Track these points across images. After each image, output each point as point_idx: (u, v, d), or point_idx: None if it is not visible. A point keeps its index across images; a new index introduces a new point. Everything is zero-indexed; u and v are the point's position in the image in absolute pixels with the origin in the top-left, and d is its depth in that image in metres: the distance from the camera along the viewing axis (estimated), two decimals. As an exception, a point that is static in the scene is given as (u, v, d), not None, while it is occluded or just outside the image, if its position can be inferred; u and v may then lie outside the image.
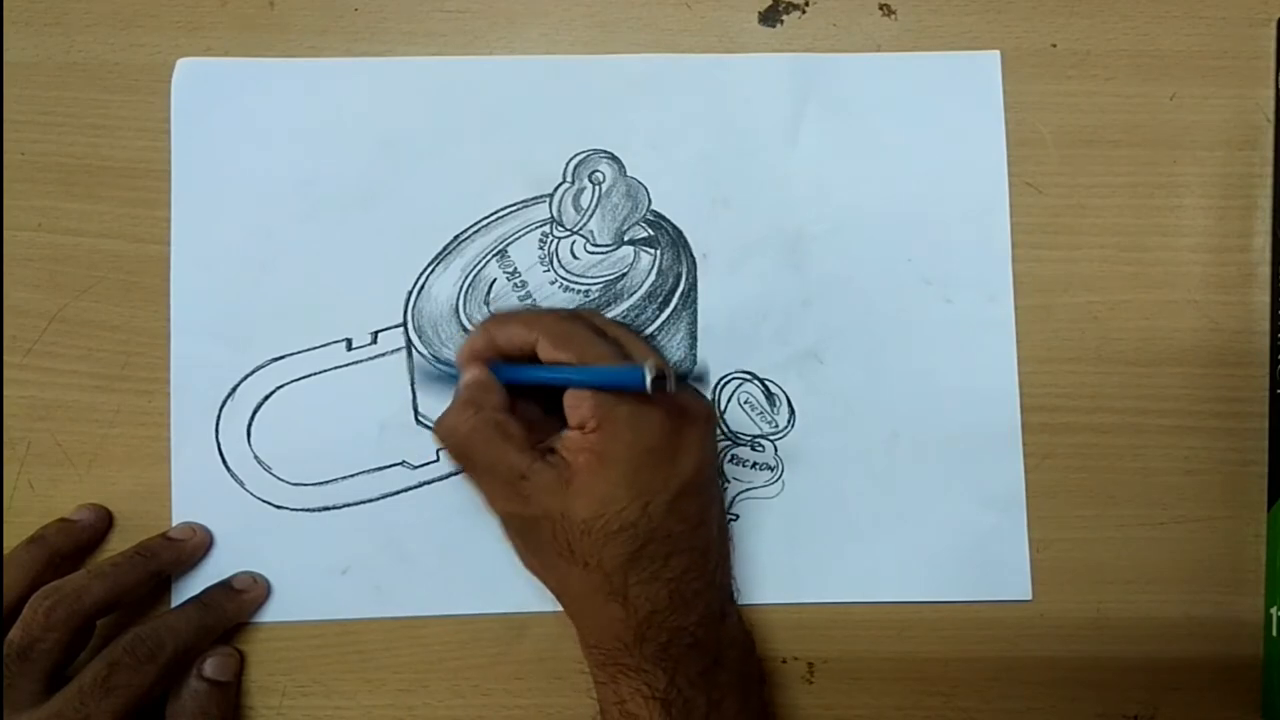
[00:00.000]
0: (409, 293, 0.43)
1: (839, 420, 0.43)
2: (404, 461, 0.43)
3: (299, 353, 0.43)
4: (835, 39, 0.45)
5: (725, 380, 0.43)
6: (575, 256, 0.44)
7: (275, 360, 0.43)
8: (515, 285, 0.43)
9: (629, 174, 0.44)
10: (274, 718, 0.42)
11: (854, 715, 0.42)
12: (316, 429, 0.43)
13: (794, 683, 0.42)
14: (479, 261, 0.43)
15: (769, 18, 0.45)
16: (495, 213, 0.44)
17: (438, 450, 0.43)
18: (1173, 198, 0.44)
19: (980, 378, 0.43)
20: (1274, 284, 0.43)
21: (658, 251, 0.44)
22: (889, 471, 0.43)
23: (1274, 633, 0.41)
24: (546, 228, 0.44)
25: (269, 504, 0.42)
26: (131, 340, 0.43)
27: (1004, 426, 0.43)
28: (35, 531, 0.41)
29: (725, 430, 0.43)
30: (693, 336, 0.43)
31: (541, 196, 0.44)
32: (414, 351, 0.43)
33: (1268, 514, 0.43)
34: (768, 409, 0.43)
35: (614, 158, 0.44)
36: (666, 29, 0.45)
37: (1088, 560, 0.43)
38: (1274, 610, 0.42)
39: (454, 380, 0.40)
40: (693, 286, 0.43)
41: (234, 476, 0.42)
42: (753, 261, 0.44)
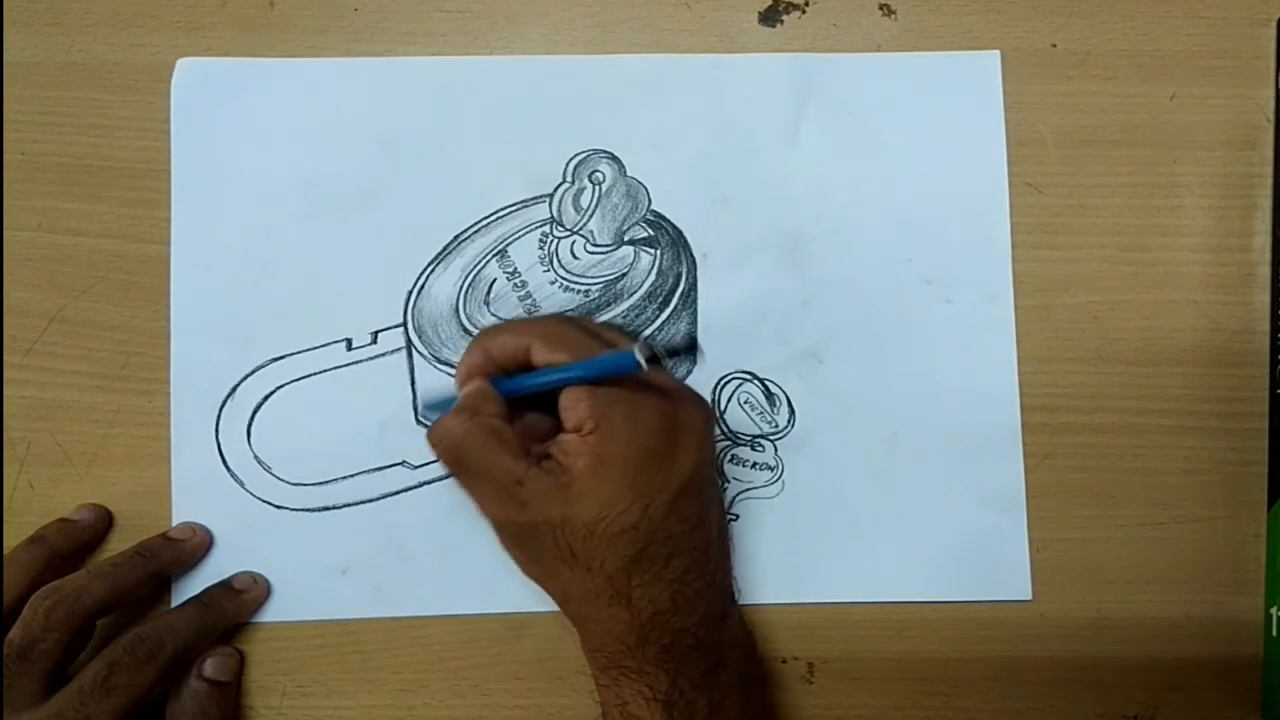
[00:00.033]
0: (409, 293, 0.43)
1: (839, 420, 0.43)
2: (404, 461, 0.43)
3: (299, 353, 0.43)
4: (835, 39, 0.45)
5: (725, 380, 0.43)
6: (575, 256, 0.44)
7: (275, 360, 0.43)
8: (515, 285, 0.43)
9: (629, 174, 0.44)
10: (274, 718, 0.42)
11: (854, 715, 0.42)
12: (316, 429, 0.43)
13: (794, 683, 0.42)
14: (479, 261, 0.43)
15: (769, 18, 0.45)
16: (495, 213, 0.44)
17: (437, 450, 0.43)
18: (1173, 198, 0.44)
19: (980, 378, 0.43)
20: (1274, 284, 0.43)
21: (658, 251, 0.44)
22: (889, 471, 0.43)
23: (1274, 633, 0.41)
24: (546, 228, 0.44)
25: (269, 504, 0.42)
26: (131, 340, 0.43)
27: (1004, 426, 0.43)
28: (35, 531, 0.41)
29: (725, 430, 0.43)
30: (692, 337, 0.43)
31: (541, 196, 0.44)
32: (414, 351, 0.43)
33: (1268, 514, 0.43)
34: (768, 409, 0.43)
35: (614, 158, 0.44)
36: (666, 29, 0.45)
37: (1088, 560, 0.43)
38: (1274, 610, 0.42)
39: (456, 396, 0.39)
40: (693, 286, 0.43)
41: (234, 476, 0.42)
42: (753, 261, 0.44)
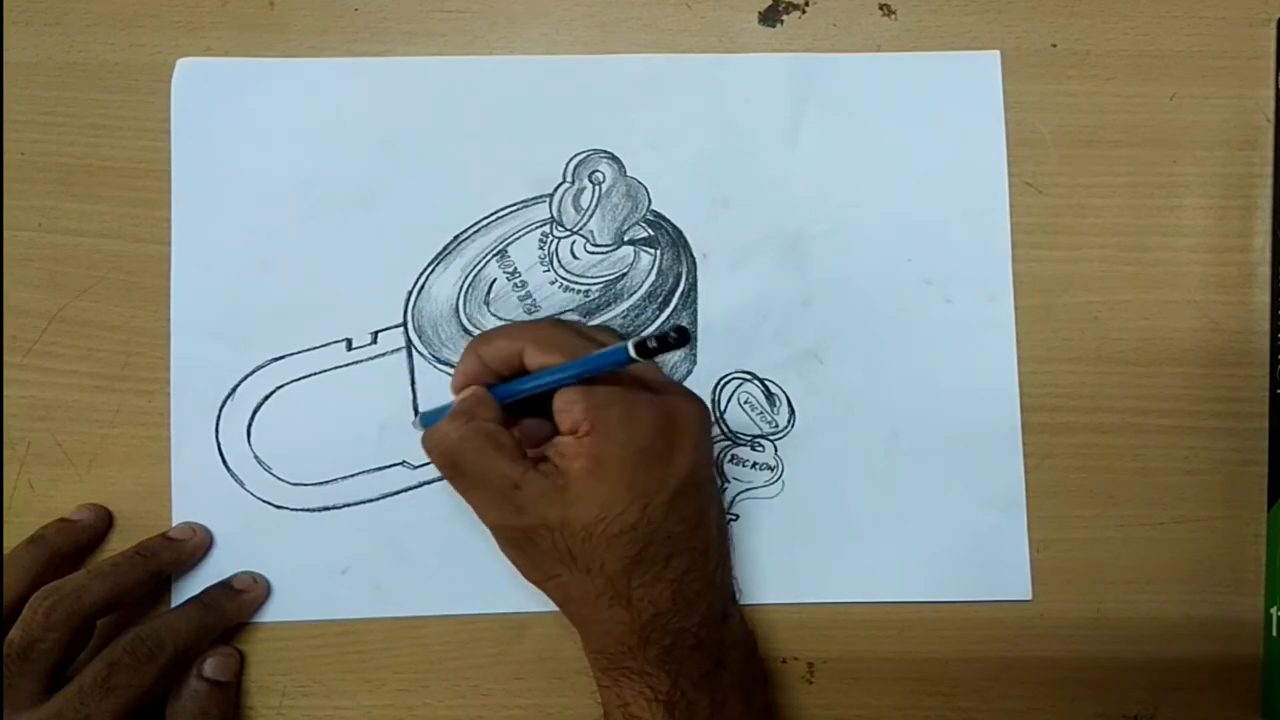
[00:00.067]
0: (409, 293, 0.43)
1: (839, 420, 0.43)
2: (404, 461, 0.43)
3: (299, 353, 0.43)
4: (835, 39, 0.45)
5: (725, 380, 0.43)
6: (575, 256, 0.44)
7: (275, 360, 0.43)
8: (515, 285, 0.43)
9: (629, 174, 0.44)
10: (274, 718, 0.42)
11: (854, 715, 0.42)
12: (316, 429, 0.43)
13: (794, 683, 0.42)
14: (479, 261, 0.43)
15: (769, 18, 0.45)
16: (495, 213, 0.44)
17: (438, 450, 0.43)
18: (1173, 198, 0.44)
19: (980, 378, 0.43)
20: (1274, 284, 0.43)
21: (658, 251, 0.44)
22: (889, 471, 0.43)
23: (1274, 633, 0.41)
24: (546, 228, 0.44)
25: (269, 504, 0.42)
26: (131, 340, 0.43)
27: (1004, 426, 0.43)
28: (35, 531, 0.41)
29: (725, 430, 0.43)
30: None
31: (541, 196, 0.44)
32: (414, 351, 0.43)
33: (1268, 514, 0.43)
34: (768, 409, 0.43)
35: (614, 158, 0.44)
36: (666, 29, 0.45)
37: (1088, 560, 0.43)
38: (1274, 610, 0.42)
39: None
40: (693, 286, 0.43)
41: (234, 476, 0.42)
42: (753, 261, 0.44)
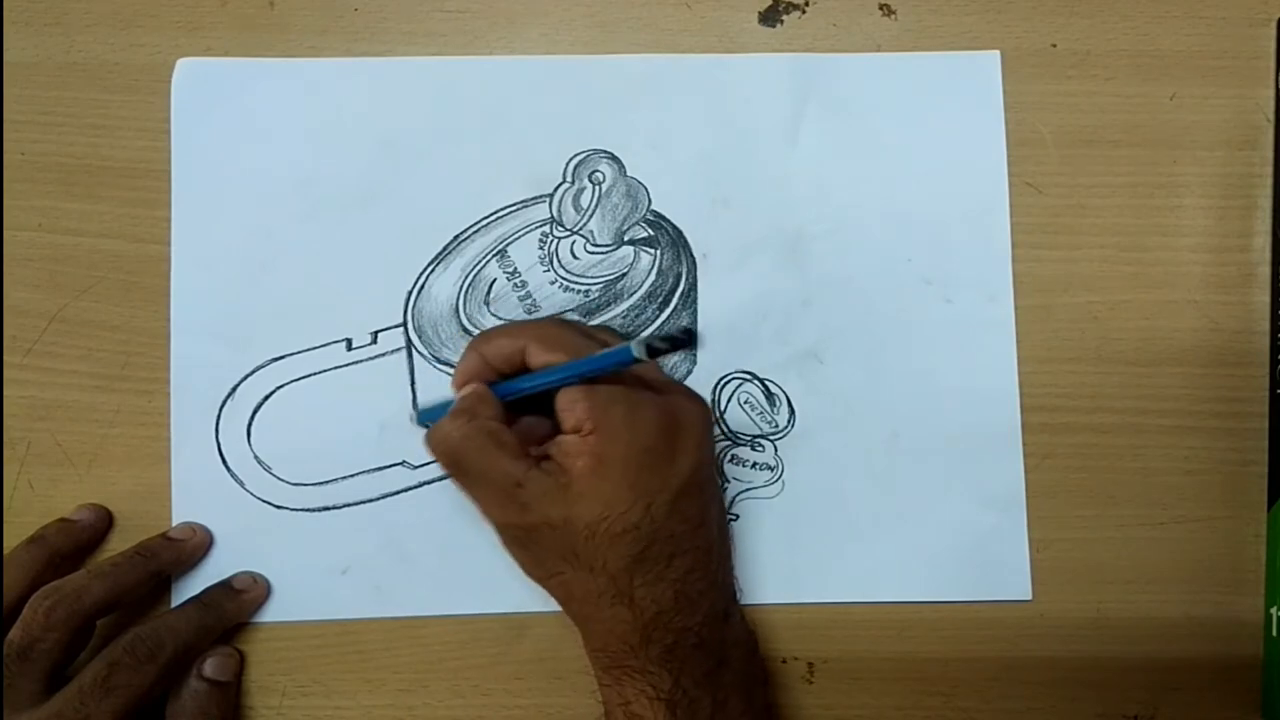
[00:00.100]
0: (409, 293, 0.43)
1: (839, 420, 0.43)
2: (404, 461, 0.43)
3: (299, 353, 0.43)
4: (835, 39, 0.45)
5: (725, 380, 0.43)
6: (575, 256, 0.44)
7: (275, 360, 0.43)
8: (515, 285, 0.43)
9: (629, 174, 0.44)
10: (274, 718, 0.42)
11: (854, 715, 0.42)
12: (316, 429, 0.43)
13: (794, 683, 0.42)
14: (479, 261, 0.43)
15: (769, 18, 0.45)
16: (495, 213, 0.44)
17: (437, 450, 0.43)
18: (1173, 198, 0.44)
19: (980, 378, 0.43)
20: (1274, 284, 0.43)
21: (658, 251, 0.44)
22: (889, 471, 0.43)
23: (1274, 633, 0.41)
24: (546, 228, 0.44)
25: (269, 504, 0.42)
26: (131, 340, 0.43)
27: (1004, 426, 0.43)
28: (35, 531, 0.41)
29: (725, 430, 0.43)
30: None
31: (541, 196, 0.44)
32: (414, 351, 0.43)
33: (1268, 514, 0.43)
34: (768, 409, 0.43)
35: (614, 158, 0.44)
36: (666, 29, 0.45)
37: (1088, 560, 0.43)
38: (1274, 610, 0.42)
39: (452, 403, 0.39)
40: (693, 286, 0.43)
41: (234, 476, 0.42)
42: (753, 261, 0.44)
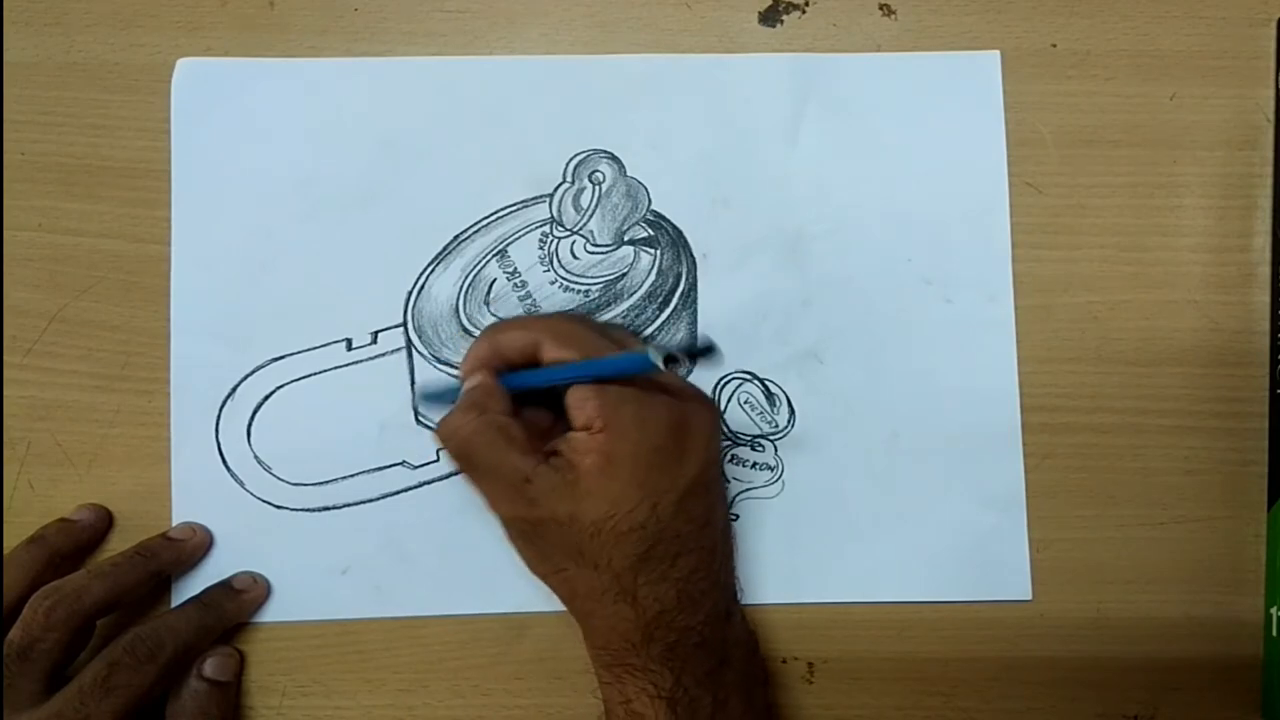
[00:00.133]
0: (409, 293, 0.43)
1: (839, 420, 0.43)
2: (404, 461, 0.43)
3: (299, 353, 0.43)
4: (835, 39, 0.45)
5: (725, 380, 0.43)
6: (575, 256, 0.44)
7: (275, 360, 0.43)
8: (515, 285, 0.43)
9: (629, 174, 0.44)
10: (274, 718, 0.42)
11: (854, 715, 0.42)
12: (316, 429, 0.43)
13: (794, 683, 0.42)
14: (479, 261, 0.43)
15: (769, 18, 0.45)
16: (495, 213, 0.44)
17: (438, 450, 0.43)
18: (1173, 198, 0.44)
19: (980, 378, 0.43)
20: (1274, 284, 0.43)
21: (658, 251, 0.44)
22: (889, 471, 0.43)
23: (1274, 633, 0.41)
24: (546, 228, 0.44)
25: (269, 504, 0.42)
26: (131, 340, 0.43)
27: (1004, 426, 0.43)
28: (35, 531, 0.41)
29: (725, 430, 0.43)
30: (693, 336, 0.43)
31: (541, 196, 0.44)
32: (414, 351, 0.43)
33: (1268, 514, 0.43)
34: (768, 409, 0.43)
35: (614, 158, 0.44)
36: (666, 29, 0.45)
37: (1088, 560, 0.43)
38: (1274, 610, 0.42)
39: (455, 395, 0.40)
40: (693, 286, 0.43)
41: (234, 476, 0.42)
42: (753, 261, 0.44)
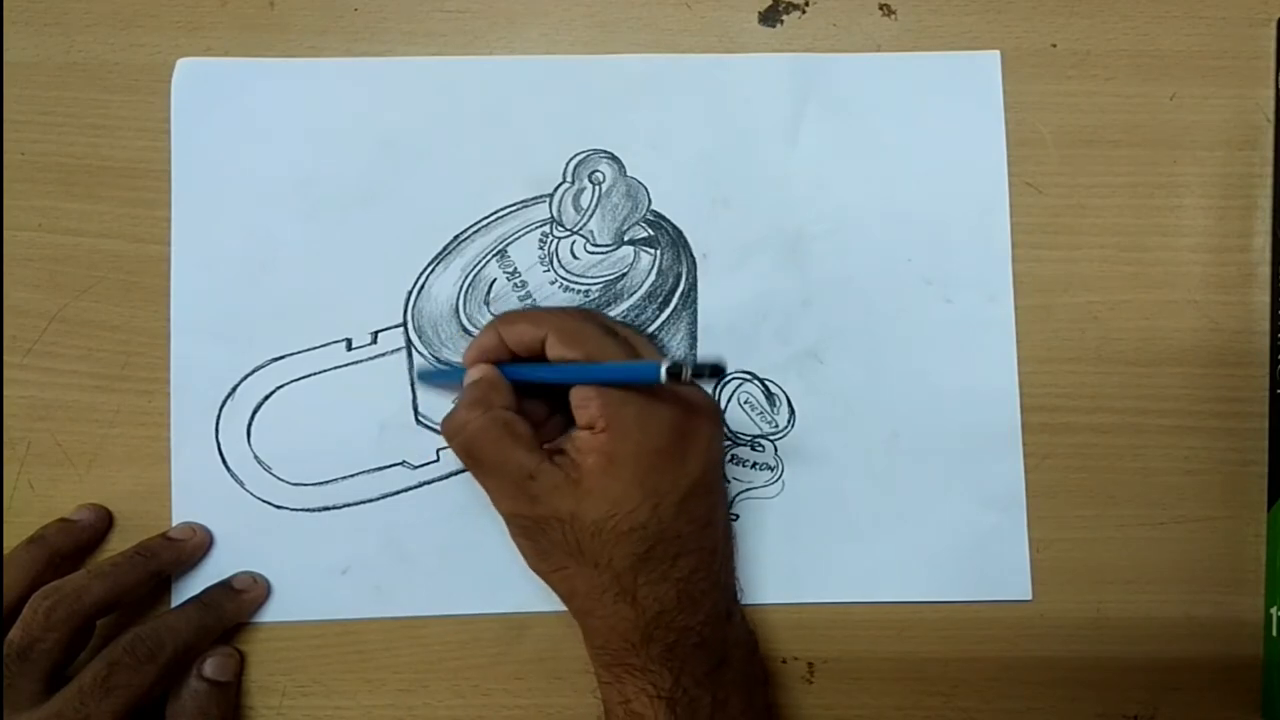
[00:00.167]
0: (409, 293, 0.43)
1: (839, 420, 0.43)
2: (404, 461, 0.43)
3: (299, 353, 0.43)
4: (835, 39, 0.45)
5: (725, 380, 0.43)
6: (575, 256, 0.44)
7: (275, 360, 0.43)
8: (515, 285, 0.43)
9: (629, 174, 0.44)
10: (274, 718, 0.42)
11: (854, 715, 0.42)
12: (316, 429, 0.43)
13: (794, 683, 0.42)
14: (479, 261, 0.43)
15: (769, 18, 0.45)
16: (495, 213, 0.44)
17: (438, 450, 0.43)
18: (1173, 198, 0.44)
19: (980, 378, 0.43)
20: (1274, 284, 0.43)
21: (658, 251, 0.44)
22: (889, 471, 0.43)
23: (1274, 633, 0.41)
24: (546, 228, 0.44)
25: (269, 504, 0.42)
26: (131, 340, 0.43)
27: (1004, 426, 0.43)
28: (35, 531, 0.41)
29: (725, 430, 0.43)
30: (693, 336, 0.43)
31: (541, 196, 0.44)
32: (414, 351, 0.43)
33: (1268, 514, 0.43)
34: (768, 409, 0.43)
35: (614, 158, 0.44)
36: (666, 29, 0.45)
37: (1088, 560, 0.43)
38: (1274, 610, 0.42)
39: (455, 378, 0.40)
40: (693, 286, 0.43)
41: (234, 476, 0.42)
42: (753, 261, 0.44)
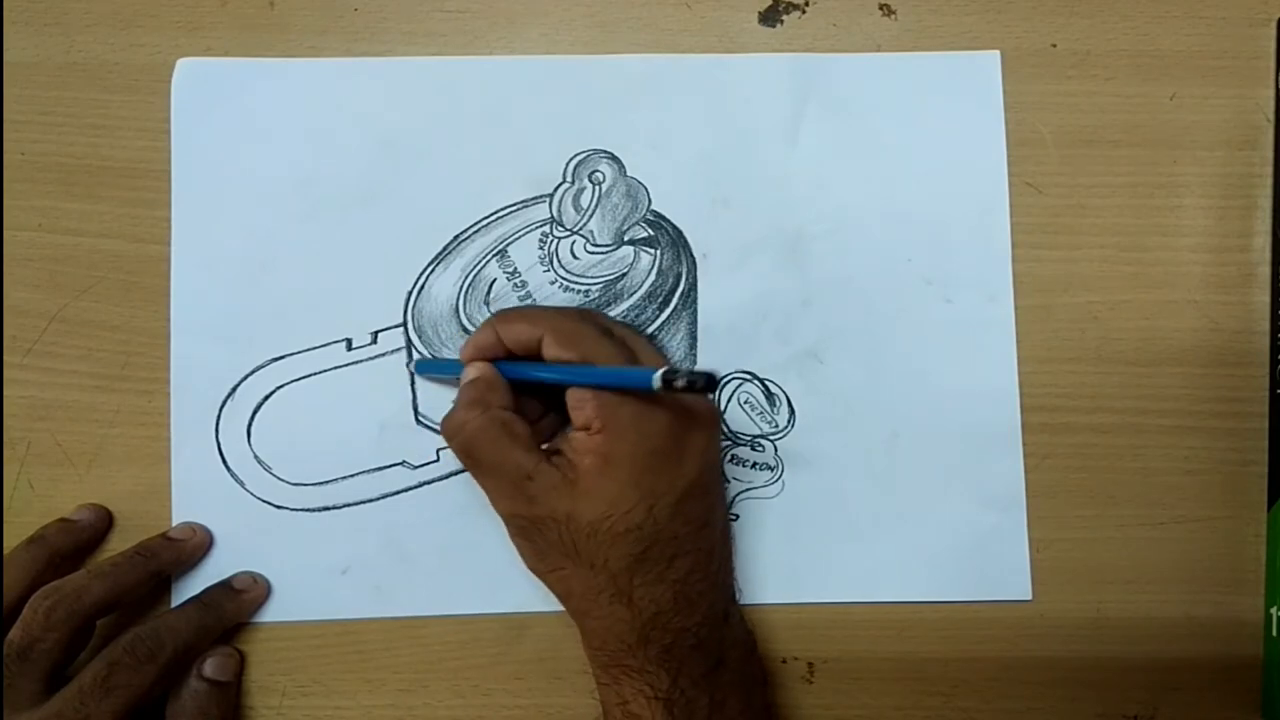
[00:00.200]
0: (409, 293, 0.43)
1: (839, 420, 0.43)
2: (404, 461, 0.43)
3: (299, 353, 0.43)
4: (835, 39, 0.45)
5: (725, 380, 0.43)
6: (575, 256, 0.44)
7: (275, 360, 0.43)
8: (515, 285, 0.43)
9: (629, 174, 0.44)
10: (274, 718, 0.42)
11: (854, 715, 0.42)
12: (316, 429, 0.43)
13: (794, 683, 0.42)
14: (479, 261, 0.43)
15: (769, 18, 0.45)
16: (495, 213, 0.44)
17: (438, 450, 0.43)
18: (1173, 198, 0.44)
19: (980, 378, 0.43)
20: (1274, 284, 0.43)
21: (658, 251, 0.44)
22: (889, 471, 0.43)
23: (1274, 633, 0.41)
24: (546, 228, 0.44)
25: (269, 504, 0.42)
26: (131, 340, 0.43)
27: (1004, 426, 0.43)
28: (35, 531, 0.41)
29: (725, 430, 0.43)
30: (693, 336, 0.43)
31: (541, 196, 0.44)
32: (414, 351, 0.43)
33: (1268, 514, 0.43)
34: (768, 409, 0.43)
35: (614, 158, 0.44)
36: (666, 29, 0.45)
37: (1088, 560, 0.43)
38: (1274, 610, 0.42)
39: (451, 371, 0.40)
40: (693, 286, 0.43)
41: (234, 476, 0.42)
42: (753, 261, 0.44)
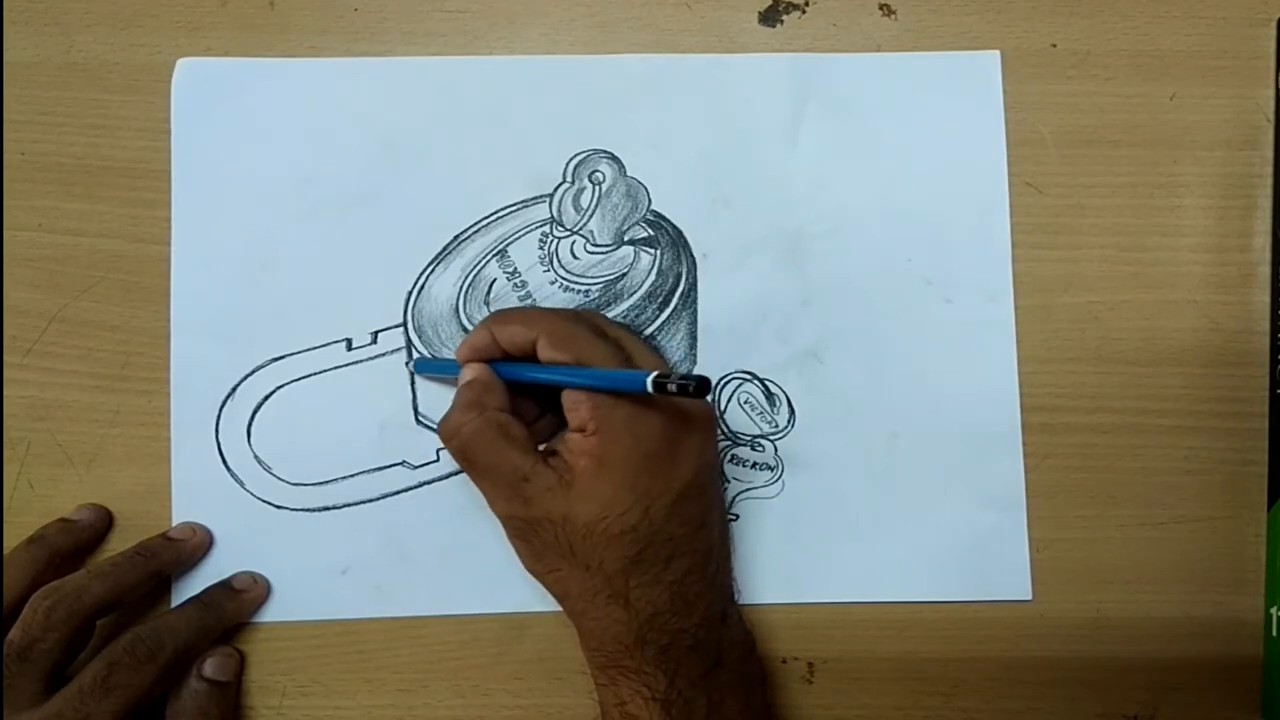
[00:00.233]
0: (409, 293, 0.43)
1: (839, 420, 0.43)
2: (404, 461, 0.43)
3: (299, 353, 0.43)
4: (835, 39, 0.45)
5: (725, 380, 0.43)
6: (575, 256, 0.44)
7: (275, 360, 0.43)
8: (515, 285, 0.43)
9: (629, 174, 0.44)
10: (274, 718, 0.42)
11: (854, 715, 0.42)
12: (316, 429, 0.43)
13: (794, 683, 0.42)
14: (479, 261, 0.43)
15: (769, 18, 0.45)
16: (495, 213, 0.44)
17: (438, 450, 0.43)
18: (1173, 198, 0.44)
19: (980, 378, 0.43)
20: (1274, 284, 0.43)
21: (658, 251, 0.44)
22: (889, 471, 0.43)
23: (1274, 633, 0.41)
24: (546, 228, 0.44)
25: (269, 504, 0.42)
26: (131, 340, 0.43)
27: (1004, 426, 0.43)
28: (35, 531, 0.41)
29: (725, 430, 0.43)
30: (693, 336, 0.43)
31: (541, 196, 0.44)
32: (414, 351, 0.43)
33: (1268, 514, 0.43)
34: (768, 409, 0.43)
35: (614, 158, 0.44)
36: (666, 29, 0.45)
37: (1088, 560, 0.43)
38: (1274, 610, 0.42)
39: (449, 371, 0.40)
40: (693, 286, 0.43)
41: (234, 476, 0.42)
42: (753, 261, 0.44)
